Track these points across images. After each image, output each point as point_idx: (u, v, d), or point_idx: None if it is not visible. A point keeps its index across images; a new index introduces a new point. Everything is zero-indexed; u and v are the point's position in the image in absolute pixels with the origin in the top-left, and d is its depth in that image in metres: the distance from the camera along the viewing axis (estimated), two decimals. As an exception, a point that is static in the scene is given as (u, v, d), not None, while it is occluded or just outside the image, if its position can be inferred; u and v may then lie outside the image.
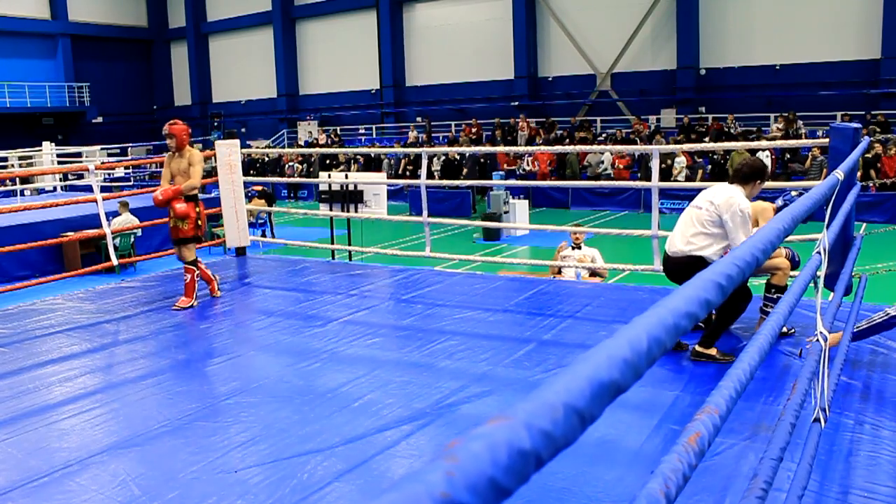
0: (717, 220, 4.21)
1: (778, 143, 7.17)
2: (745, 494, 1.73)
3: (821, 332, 2.45)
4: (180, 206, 6.09)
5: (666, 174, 17.61)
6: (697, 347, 4.29)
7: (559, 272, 8.12)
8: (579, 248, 8.00)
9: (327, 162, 22.98)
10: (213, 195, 15.49)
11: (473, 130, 23.88)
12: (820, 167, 16.53)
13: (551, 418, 0.51)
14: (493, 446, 0.47)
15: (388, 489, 0.44)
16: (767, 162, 17.72)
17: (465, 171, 19.70)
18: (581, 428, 0.55)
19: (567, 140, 21.35)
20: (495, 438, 0.47)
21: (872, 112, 18.87)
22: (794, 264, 4.62)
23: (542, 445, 0.50)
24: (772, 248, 1.34)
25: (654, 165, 6.19)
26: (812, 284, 2.54)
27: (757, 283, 5.47)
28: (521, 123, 22.71)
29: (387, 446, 3.33)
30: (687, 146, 7.43)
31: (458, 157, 19.79)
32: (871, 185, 15.69)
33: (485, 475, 0.46)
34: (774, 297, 4.54)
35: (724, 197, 4.23)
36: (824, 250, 2.54)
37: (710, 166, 18.46)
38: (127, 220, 12.37)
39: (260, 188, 16.00)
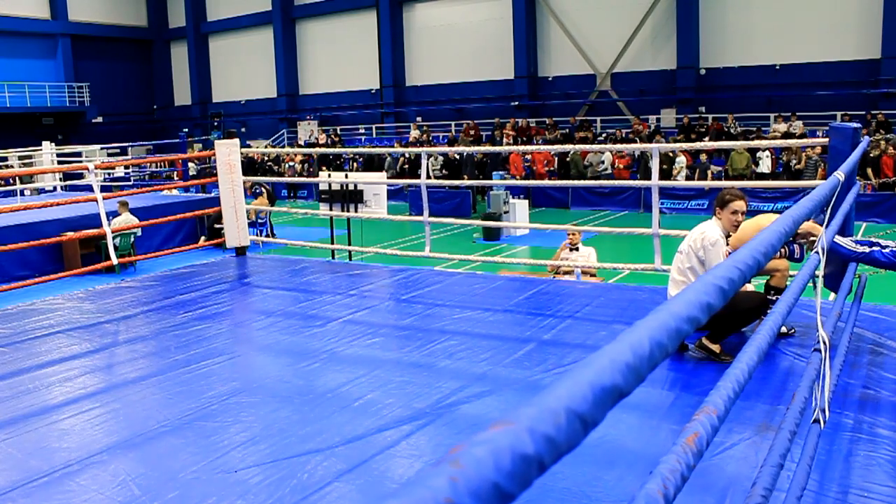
0: (693, 260, 4.39)
1: (777, 143, 7.17)
2: (748, 495, 1.73)
3: (821, 335, 2.45)
4: None
5: (666, 174, 17.61)
6: (704, 339, 4.32)
7: (558, 271, 8.16)
8: (577, 249, 8.05)
9: (337, 163, 22.93)
10: (213, 195, 15.50)
11: (471, 133, 23.85)
12: (815, 166, 16.54)
13: (554, 423, 0.51)
14: (497, 451, 0.47)
15: (391, 494, 0.44)
16: (768, 161, 17.69)
17: (464, 174, 19.70)
18: (584, 432, 0.55)
19: (565, 142, 21.33)
20: (498, 444, 0.47)
21: (872, 112, 18.86)
22: (800, 259, 4.61)
23: (545, 450, 0.50)
24: (773, 250, 1.34)
25: (655, 165, 6.19)
26: (811, 285, 2.54)
27: (756, 284, 5.47)
28: (507, 132, 22.44)
29: (387, 446, 3.33)
30: (687, 146, 7.43)
31: (457, 157, 19.79)
32: (868, 184, 15.66)
33: (488, 480, 0.46)
34: (773, 298, 4.54)
35: (696, 236, 4.41)
36: (823, 249, 2.53)
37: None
38: (127, 219, 12.37)
39: (264, 186, 15.96)
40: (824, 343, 2.42)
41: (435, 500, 0.42)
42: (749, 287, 4.58)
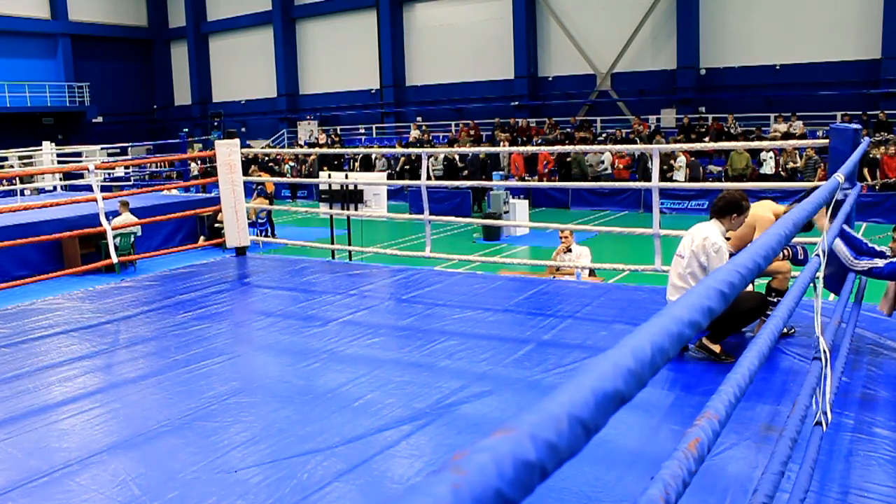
0: (694, 265, 4.28)
1: (777, 143, 7.17)
2: (749, 502, 1.72)
3: (821, 344, 2.44)
4: None
5: (665, 175, 17.60)
6: (704, 339, 4.31)
7: (557, 270, 8.19)
8: (570, 250, 8.09)
9: (335, 163, 22.96)
10: (213, 194, 15.50)
11: (471, 133, 23.80)
12: (814, 167, 16.53)
13: (556, 430, 0.51)
14: (499, 458, 0.47)
15: (394, 500, 0.43)
16: (771, 163, 17.67)
17: (465, 173, 19.66)
18: (585, 438, 0.54)
19: (567, 141, 21.33)
20: (501, 450, 0.47)
21: (868, 112, 18.84)
22: (804, 261, 4.61)
23: (547, 457, 0.50)
24: (773, 253, 1.34)
25: (655, 165, 6.18)
26: (812, 286, 2.54)
27: (756, 284, 5.46)
28: (502, 140, 22.28)
29: (387, 446, 3.33)
30: (687, 146, 7.43)
31: (459, 156, 19.76)
32: (864, 185, 15.64)
33: (491, 487, 0.45)
34: (775, 300, 4.54)
35: (699, 240, 4.29)
36: (823, 252, 2.53)
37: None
38: (127, 219, 12.36)
39: (266, 184, 15.95)
40: (825, 352, 2.42)
41: (438, 507, 0.42)
42: (749, 287, 4.58)
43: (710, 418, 1.00)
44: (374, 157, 22.24)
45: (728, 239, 4.42)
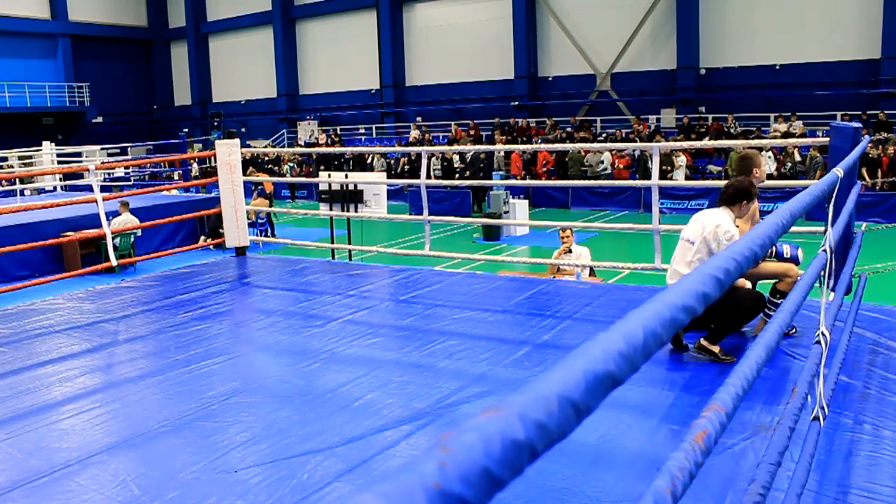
0: (703, 251, 4.25)
1: (778, 143, 7.17)
2: (745, 493, 1.73)
3: (822, 331, 2.44)
4: None
5: (665, 176, 17.58)
6: (703, 341, 4.29)
7: (558, 270, 8.20)
8: (570, 251, 8.10)
9: (335, 163, 22.96)
10: (213, 195, 15.50)
11: (471, 133, 23.76)
12: (816, 167, 16.53)
13: (546, 410, 0.50)
14: (487, 437, 0.47)
15: (381, 480, 0.44)
16: (772, 164, 17.66)
17: (467, 173, 19.64)
18: (576, 420, 0.54)
19: (567, 141, 21.32)
20: (489, 430, 0.47)
21: (871, 112, 18.83)
22: (791, 258, 4.60)
23: (536, 437, 0.49)
24: (770, 242, 1.34)
25: (655, 163, 6.18)
26: (816, 284, 2.53)
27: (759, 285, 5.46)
28: (498, 141, 22.18)
29: (387, 446, 3.33)
30: (687, 145, 7.43)
31: (459, 156, 19.74)
32: (863, 185, 15.64)
33: (478, 466, 0.45)
34: (778, 301, 4.52)
35: (710, 227, 4.27)
36: (830, 249, 2.53)
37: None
38: (127, 220, 12.37)
39: (265, 184, 15.94)
40: (825, 336, 2.41)
41: (424, 485, 0.42)
42: (747, 285, 4.57)
43: (718, 410, 0.99)
44: (372, 156, 22.22)
45: (737, 227, 4.41)
